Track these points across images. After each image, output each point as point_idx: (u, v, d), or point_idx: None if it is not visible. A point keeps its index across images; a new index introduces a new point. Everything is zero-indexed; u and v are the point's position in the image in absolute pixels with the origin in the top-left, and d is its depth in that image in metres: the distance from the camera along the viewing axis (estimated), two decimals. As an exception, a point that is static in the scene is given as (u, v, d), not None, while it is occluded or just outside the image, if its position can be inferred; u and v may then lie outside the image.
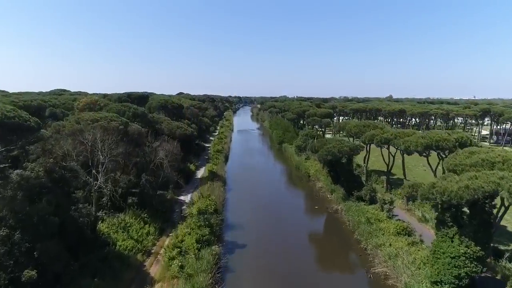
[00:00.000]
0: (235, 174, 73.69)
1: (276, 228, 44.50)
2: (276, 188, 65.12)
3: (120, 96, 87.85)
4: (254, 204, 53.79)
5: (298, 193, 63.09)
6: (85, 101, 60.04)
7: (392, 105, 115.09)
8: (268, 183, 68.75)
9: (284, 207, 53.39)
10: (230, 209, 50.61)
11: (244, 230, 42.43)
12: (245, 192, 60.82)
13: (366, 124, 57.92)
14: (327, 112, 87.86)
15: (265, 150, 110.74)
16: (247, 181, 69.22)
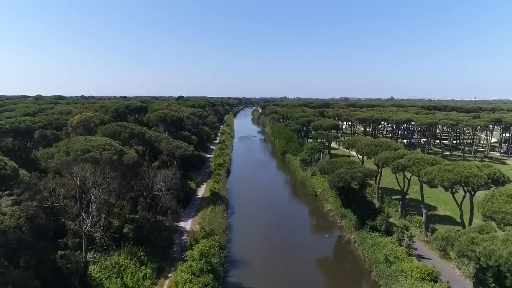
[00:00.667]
0: (238, 191, 70.13)
1: (284, 261, 40.98)
2: (281, 208, 61.54)
3: (118, 107, 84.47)
4: (258, 229, 50.32)
5: (305, 215, 59.48)
6: (78, 118, 56.49)
7: (399, 114, 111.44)
8: (272, 202, 65.15)
9: (291, 233, 49.82)
10: (234, 237, 47.07)
11: (249, 266, 38.94)
12: (249, 214, 57.26)
13: (378, 143, 54.33)
14: (333, 124, 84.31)
15: (268, 161, 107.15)
16: (250, 199, 65.69)
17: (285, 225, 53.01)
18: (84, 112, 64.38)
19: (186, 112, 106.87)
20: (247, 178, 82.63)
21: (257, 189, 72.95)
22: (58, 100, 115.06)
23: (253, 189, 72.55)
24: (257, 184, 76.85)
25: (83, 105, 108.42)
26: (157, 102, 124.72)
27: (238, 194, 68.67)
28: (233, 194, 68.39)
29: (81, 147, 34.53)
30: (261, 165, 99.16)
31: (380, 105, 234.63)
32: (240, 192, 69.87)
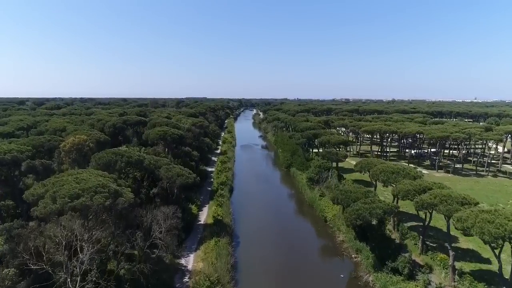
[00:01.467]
0: (242, 214, 66.10)
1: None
2: (289, 237, 57.29)
3: (115, 122, 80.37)
4: (266, 263, 46.32)
5: (316, 245, 55.19)
6: (71, 142, 52.38)
7: (407, 125, 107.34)
8: (279, 229, 60.99)
9: (301, 271, 45.70)
10: (241, 278, 43.01)
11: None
12: (255, 244, 53.20)
13: (395, 169, 50.22)
14: (341, 140, 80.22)
15: (271, 175, 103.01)
16: (255, 225, 61.62)
17: (294, 260, 48.87)
18: (78, 133, 60.28)
19: (186, 123, 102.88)
20: (251, 197, 78.57)
21: (262, 211, 68.85)
22: (54, 112, 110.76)
23: (258, 211, 68.44)
24: (262, 205, 72.77)
25: (80, 116, 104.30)
26: (156, 112, 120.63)
27: (242, 217, 64.65)
28: (237, 216, 64.42)
29: (69, 191, 30.44)
30: (265, 180, 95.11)
31: (384, 111, 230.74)
32: (245, 216, 65.78)
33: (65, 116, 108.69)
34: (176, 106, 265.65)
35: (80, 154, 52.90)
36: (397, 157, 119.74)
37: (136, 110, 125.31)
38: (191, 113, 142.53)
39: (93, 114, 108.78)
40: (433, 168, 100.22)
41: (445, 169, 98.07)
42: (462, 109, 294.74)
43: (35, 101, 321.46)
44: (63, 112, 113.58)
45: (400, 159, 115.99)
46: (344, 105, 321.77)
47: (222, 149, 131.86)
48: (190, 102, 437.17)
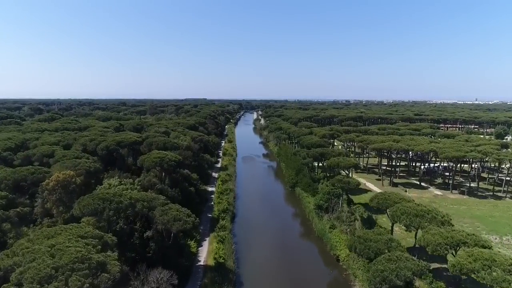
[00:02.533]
0: (245, 250, 60.50)
1: None
2: (298, 280, 51.75)
3: (108, 144, 74.79)
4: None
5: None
6: (56, 179, 46.75)
7: (418, 141, 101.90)
8: (286, 268, 55.40)
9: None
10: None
11: None
12: None
13: (419, 212, 44.51)
14: (351, 164, 74.72)
15: (275, 196, 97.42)
16: (261, 262, 56.12)
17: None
18: (65, 164, 54.66)
19: (185, 140, 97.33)
20: (254, 226, 72.94)
21: (267, 246, 63.16)
22: (46, 127, 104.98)
23: (263, 247, 62.80)
24: (266, 237, 67.14)
25: (73, 133, 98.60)
26: (154, 125, 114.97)
27: (245, 255, 59.10)
28: (240, 255, 58.84)
29: (40, 271, 24.88)
30: (269, 203, 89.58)
31: (388, 118, 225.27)
32: (248, 253, 60.17)
33: (58, 132, 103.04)
34: (176, 112, 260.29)
35: (66, 191, 47.31)
36: (406, 172, 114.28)
37: (133, 123, 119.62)
38: (190, 124, 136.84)
39: (87, 130, 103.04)
40: (447, 188, 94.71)
41: (459, 189, 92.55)
42: (466, 113, 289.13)
43: (32, 107, 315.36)
44: (56, 127, 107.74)
45: (409, 176, 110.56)
46: (346, 110, 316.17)
47: (223, 163, 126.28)
48: (190, 105, 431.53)
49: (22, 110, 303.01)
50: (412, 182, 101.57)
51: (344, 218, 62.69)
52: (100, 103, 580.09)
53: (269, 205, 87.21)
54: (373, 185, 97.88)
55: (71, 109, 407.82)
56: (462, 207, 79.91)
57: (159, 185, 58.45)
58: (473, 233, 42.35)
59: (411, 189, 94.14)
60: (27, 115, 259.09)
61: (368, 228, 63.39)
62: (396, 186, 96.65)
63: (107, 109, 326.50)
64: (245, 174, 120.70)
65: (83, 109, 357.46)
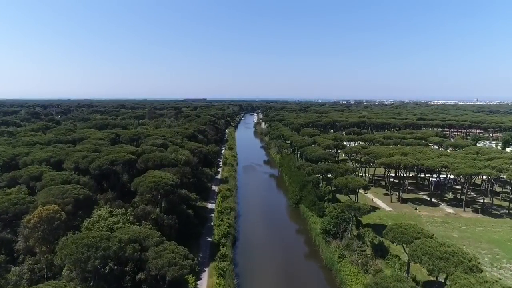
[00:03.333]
0: (249, 284, 55.91)
1: None
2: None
3: (101, 163, 70.10)
4: None
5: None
6: (38, 216, 42.03)
7: (428, 153, 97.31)
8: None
9: None
10: None
11: None
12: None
13: (443, 254, 39.70)
14: (361, 184, 69.98)
15: (279, 213, 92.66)
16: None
17: None
18: (50, 196, 49.90)
19: (184, 155, 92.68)
20: (257, 251, 68.24)
21: (271, 274, 58.59)
22: (38, 140, 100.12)
23: (267, 275, 58.25)
24: (270, 264, 62.54)
25: (66, 146, 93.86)
26: (151, 136, 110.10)
27: (249, 285, 54.56)
28: (243, 285, 54.31)
29: None
30: (272, 222, 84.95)
31: (391, 124, 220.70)
32: (252, 282, 55.62)
33: (50, 144, 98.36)
34: (175, 116, 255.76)
35: (50, 228, 42.61)
36: (415, 185, 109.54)
37: (129, 134, 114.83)
38: (189, 134, 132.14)
39: (81, 143, 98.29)
40: (459, 205, 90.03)
41: (472, 207, 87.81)
42: (469, 117, 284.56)
43: (28, 111, 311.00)
44: (49, 139, 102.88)
45: (418, 189, 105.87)
46: (348, 114, 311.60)
47: (223, 174, 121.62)
48: (190, 107, 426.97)
49: (19, 114, 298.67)
50: (422, 198, 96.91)
51: (355, 248, 58.03)
52: (100, 104, 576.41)
53: (272, 225, 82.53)
54: (381, 201, 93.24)
55: (69, 112, 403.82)
56: (477, 228, 75.24)
57: (154, 214, 53.72)
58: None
59: (421, 206, 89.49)
60: (23, 120, 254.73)
61: (380, 256, 58.94)
62: (405, 202, 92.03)
63: (105, 113, 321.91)
64: (246, 186, 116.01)
65: (81, 112, 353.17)
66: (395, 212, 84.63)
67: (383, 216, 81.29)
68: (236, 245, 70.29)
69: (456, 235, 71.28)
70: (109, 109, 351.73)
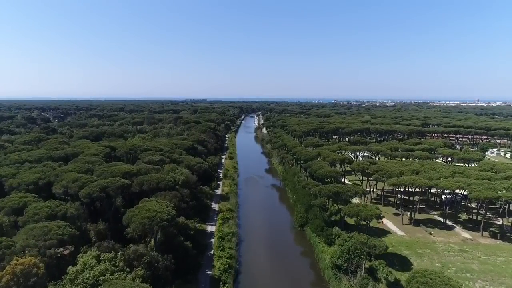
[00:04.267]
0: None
1: None
2: None
3: (91, 191, 64.54)
4: None
5: None
6: (11, 271, 36.44)
7: (443, 174, 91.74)
8: None
9: None
10: None
11: None
12: None
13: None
14: (374, 214, 64.33)
15: (283, 237, 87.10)
16: None
17: None
18: (31, 238, 44.29)
19: (182, 174, 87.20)
20: (261, 286, 62.78)
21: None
22: (27, 158, 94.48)
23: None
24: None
25: (59, 166, 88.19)
26: (148, 153, 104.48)
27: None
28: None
29: None
30: (276, 247, 79.44)
31: (397, 131, 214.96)
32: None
33: (41, 162, 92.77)
34: (174, 121, 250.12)
35: (25, 285, 37.04)
36: (426, 203, 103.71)
37: (125, 148, 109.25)
38: (188, 146, 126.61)
39: (73, 161, 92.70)
40: (475, 228, 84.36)
41: (489, 231, 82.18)
42: (473, 120, 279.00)
43: (25, 115, 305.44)
44: (39, 155, 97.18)
45: (430, 209, 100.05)
46: (350, 118, 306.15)
47: (224, 189, 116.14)
48: (189, 110, 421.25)
49: (16, 118, 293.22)
50: (435, 219, 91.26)
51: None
52: (99, 106, 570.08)
53: (276, 253, 76.88)
54: (391, 223, 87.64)
55: (67, 115, 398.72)
56: (499, 258, 69.59)
57: (147, 257, 48.08)
58: None
59: (435, 229, 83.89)
60: (19, 125, 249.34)
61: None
62: (417, 224, 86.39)
63: (103, 117, 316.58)
64: (248, 203, 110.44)
65: (79, 116, 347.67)
66: (408, 238, 79.05)
67: (395, 242, 75.71)
68: (238, 280, 64.80)
69: (477, 267, 65.67)
70: (107, 113, 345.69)
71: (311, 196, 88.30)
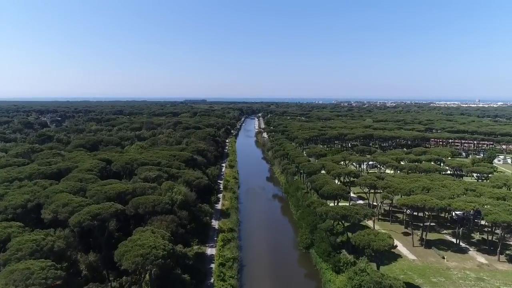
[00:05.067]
0: None
1: None
2: None
3: (82, 219, 59.83)
4: None
5: None
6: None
7: (456, 192, 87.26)
8: None
9: None
10: None
11: None
12: None
13: None
14: (387, 245, 59.38)
15: (288, 260, 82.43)
16: None
17: None
18: (11, 283, 39.54)
19: (181, 193, 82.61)
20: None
21: None
22: (17, 176, 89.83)
23: None
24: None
25: (50, 184, 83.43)
26: (144, 169, 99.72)
27: None
28: None
29: None
30: (281, 273, 74.75)
31: (401, 137, 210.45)
32: None
33: (31, 179, 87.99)
34: (173, 127, 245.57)
35: None
36: (436, 222, 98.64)
37: (121, 162, 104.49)
38: (188, 157, 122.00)
39: (65, 179, 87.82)
40: (490, 250, 79.68)
41: (505, 254, 77.58)
42: (476, 124, 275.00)
43: (21, 120, 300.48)
44: (30, 172, 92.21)
45: (440, 227, 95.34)
46: (352, 122, 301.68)
47: (224, 203, 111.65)
48: (189, 113, 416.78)
49: (13, 123, 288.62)
50: (447, 239, 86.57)
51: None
52: (98, 107, 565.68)
53: (281, 280, 72.17)
54: (401, 244, 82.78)
55: (65, 119, 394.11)
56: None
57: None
58: None
59: (448, 252, 79.17)
60: (15, 130, 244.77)
61: None
62: (429, 246, 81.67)
63: (101, 121, 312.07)
64: (249, 219, 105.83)
65: (77, 120, 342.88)
66: (421, 263, 74.34)
67: (407, 269, 71.08)
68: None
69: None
70: (105, 117, 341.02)
71: (316, 216, 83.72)
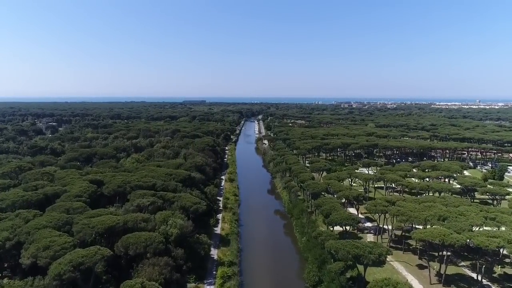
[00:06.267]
0: None
1: None
2: None
3: (61, 272, 53.03)
4: None
5: None
6: None
7: (475, 222, 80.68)
8: None
9: None
10: None
11: None
12: None
13: None
14: None
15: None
16: None
17: None
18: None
19: (176, 226, 75.76)
20: None
21: None
22: (0, 204, 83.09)
23: None
24: None
25: (33, 220, 75.95)
26: (137, 195, 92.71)
27: None
28: None
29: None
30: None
31: (406, 147, 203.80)
32: None
33: (13, 210, 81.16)
34: (171, 135, 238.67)
35: None
36: (452, 250, 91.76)
37: (113, 185, 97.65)
38: (185, 176, 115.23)
39: (51, 208, 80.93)
40: (507, 278, 73.15)
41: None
42: (481, 129, 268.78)
43: (15, 128, 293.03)
44: (13, 199, 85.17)
45: (456, 257, 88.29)
46: (355, 129, 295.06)
47: (224, 227, 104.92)
48: (188, 117, 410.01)
49: (7, 130, 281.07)
50: (466, 274, 79.72)
51: None
52: (95, 110, 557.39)
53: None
54: (416, 280, 76.02)
55: (62, 123, 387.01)
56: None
57: None
58: None
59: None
60: (9, 138, 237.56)
61: None
62: (448, 285, 74.90)
63: (98, 127, 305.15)
64: (250, 245, 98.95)
65: (73, 126, 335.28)
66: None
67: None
68: None
69: None
70: (102, 123, 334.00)
71: (324, 249, 77.04)
